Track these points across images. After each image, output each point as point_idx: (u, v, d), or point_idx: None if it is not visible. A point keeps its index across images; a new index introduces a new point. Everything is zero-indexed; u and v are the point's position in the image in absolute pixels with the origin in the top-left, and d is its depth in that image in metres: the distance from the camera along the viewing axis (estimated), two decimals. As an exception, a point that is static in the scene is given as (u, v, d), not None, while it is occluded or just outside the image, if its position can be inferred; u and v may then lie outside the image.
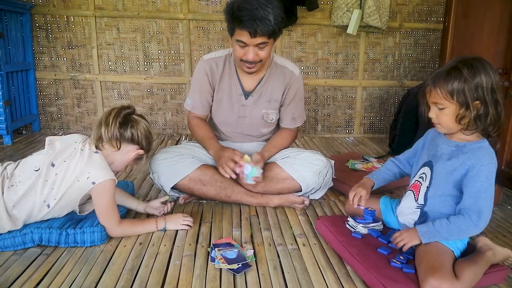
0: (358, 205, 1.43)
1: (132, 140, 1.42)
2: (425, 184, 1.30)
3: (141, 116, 1.48)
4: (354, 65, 3.36)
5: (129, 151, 1.44)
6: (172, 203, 1.63)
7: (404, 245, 1.25)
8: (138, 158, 1.50)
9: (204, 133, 1.83)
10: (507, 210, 1.86)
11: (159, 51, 3.20)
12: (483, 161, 1.17)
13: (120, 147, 1.40)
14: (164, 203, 1.62)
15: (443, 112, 1.19)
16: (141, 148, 1.46)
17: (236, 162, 1.62)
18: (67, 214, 1.45)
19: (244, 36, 1.55)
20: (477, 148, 1.20)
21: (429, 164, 1.31)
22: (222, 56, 1.81)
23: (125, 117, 1.40)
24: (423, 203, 1.30)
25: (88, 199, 1.46)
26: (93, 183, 1.33)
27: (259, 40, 1.55)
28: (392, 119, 3.01)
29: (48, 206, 1.35)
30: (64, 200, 1.36)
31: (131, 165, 1.54)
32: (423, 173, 1.32)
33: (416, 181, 1.35)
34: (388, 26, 3.18)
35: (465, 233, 1.20)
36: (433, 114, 1.23)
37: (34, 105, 3.13)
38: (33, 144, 2.79)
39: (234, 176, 1.63)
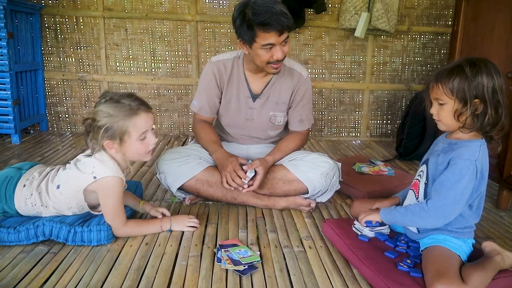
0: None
1: (106, 132, 1.31)
2: (423, 180, 1.30)
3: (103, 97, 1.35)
4: (361, 68, 3.36)
5: (109, 144, 1.35)
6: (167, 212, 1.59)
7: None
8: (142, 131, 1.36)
9: (208, 136, 1.83)
10: (515, 216, 1.84)
11: (167, 52, 3.22)
12: (462, 155, 1.18)
13: (105, 147, 1.36)
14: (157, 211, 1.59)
15: (443, 108, 1.20)
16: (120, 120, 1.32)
17: (240, 177, 1.62)
18: (82, 214, 1.47)
19: (271, 37, 1.55)
20: (465, 146, 1.20)
21: (426, 161, 1.32)
22: (231, 58, 1.82)
23: (88, 126, 1.37)
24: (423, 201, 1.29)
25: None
26: (94, 177, 1.34)
27: (284, 36, 1.57)
28: (399, 123, 3.00)
29: (58, 187, 1.39)
30: (69, 187, 1.38)
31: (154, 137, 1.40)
32: (421, 170, 1.34)
33: (416, 180, 1.36)
34: (396, 30, 3.17)
35: (417, 216, 1.23)
36: (434, 110, 1.24)
37: (42, 105, 3.16)
38: (41, 144, 2.81)
39: (239, 189, 1.64)
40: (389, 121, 3.48)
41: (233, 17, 1.61)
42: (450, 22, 3.25)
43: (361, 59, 3.34)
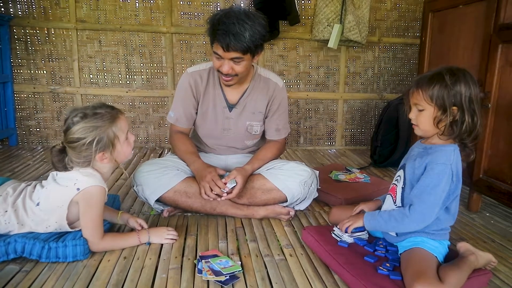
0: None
1: (98, 145, 1.32)
2: (400, 185, 1.34)
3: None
4: (335, 79, 3.43)
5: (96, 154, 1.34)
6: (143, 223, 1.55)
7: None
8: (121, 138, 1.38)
9: (185, 147, 1.82)
10: (486, 217, 1.91)
11: (142, 64, 3.19)
12: (438, 160, 1.22)
13: (89, 157, 1.34)
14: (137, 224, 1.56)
15: (422, 113, 1.25)
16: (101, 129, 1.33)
17: (219, 187, 1.61)
18: (57, 232, 1.42)
19: (218, 49, 1.58)
20: (439, 150, 1.25)
21: (403, 166, 1.36)
22: (206, 69, 1.82)
23: (59, 152, 1.35)
24: (401, 205, 1.33)
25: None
26: (78, 189, 1.32)
27: (232, 55, 1.57)
28: (373, 131, 3.07)
29: (38, 204, 1.35)
30: (50, 203, 1.34)
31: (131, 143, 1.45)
32: (398, 175, 1.37)
33: (393, 184, 1.39)
34: (368, 41, 3.27)
35: (400, 223, 1.26)
36: (413, 115, 1.28)
37: (11, 119, 3.06)
38: (11, 159, 2.71)
39: (218, 199, 1.63)
40: (363, 130, 3.56)
41: (212, 15, 1.62)
42: (418, 34, 3.38)
43: (335, 70, 3.42)
